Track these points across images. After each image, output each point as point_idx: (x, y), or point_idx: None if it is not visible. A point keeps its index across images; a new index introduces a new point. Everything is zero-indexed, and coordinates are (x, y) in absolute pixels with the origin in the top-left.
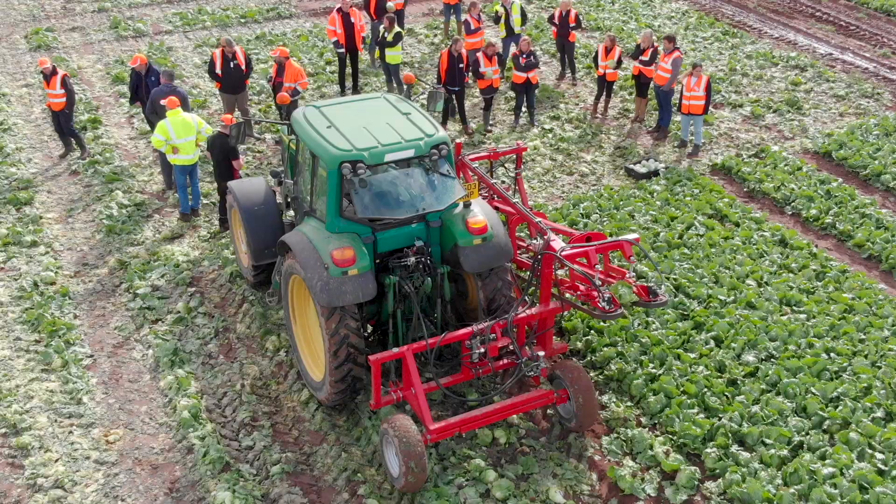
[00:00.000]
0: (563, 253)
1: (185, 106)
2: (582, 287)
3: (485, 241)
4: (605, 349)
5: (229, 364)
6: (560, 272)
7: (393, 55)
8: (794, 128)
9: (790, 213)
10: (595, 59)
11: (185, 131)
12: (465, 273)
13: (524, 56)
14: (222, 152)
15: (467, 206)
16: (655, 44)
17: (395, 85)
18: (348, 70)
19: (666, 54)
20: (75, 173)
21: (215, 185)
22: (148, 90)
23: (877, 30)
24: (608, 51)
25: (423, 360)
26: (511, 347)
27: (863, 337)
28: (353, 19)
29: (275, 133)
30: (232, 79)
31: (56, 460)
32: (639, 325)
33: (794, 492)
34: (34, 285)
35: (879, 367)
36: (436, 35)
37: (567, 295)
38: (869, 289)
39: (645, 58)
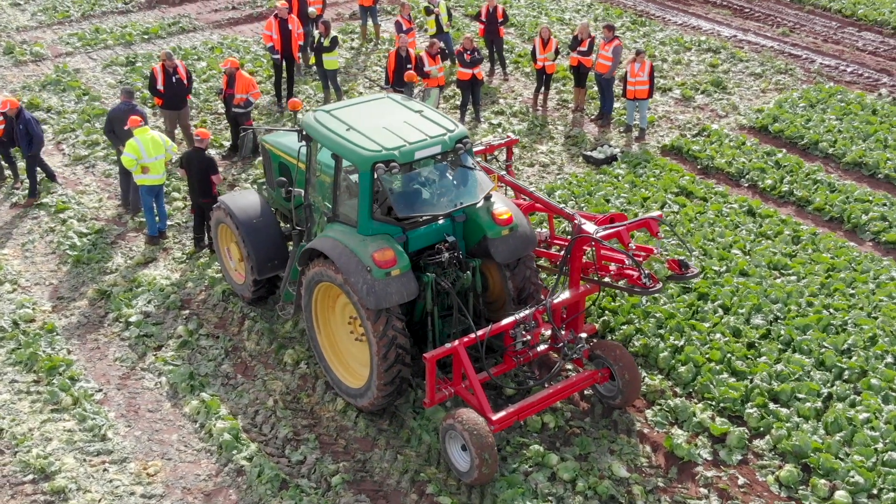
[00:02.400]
0: (599, 235)
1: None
2: (613, 267)
3: (512, 232)
4: (624, 327)
5: (251, 382)
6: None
7: (330, 60)
8: (724, 106)
9: (746, 185)
10: (533, 52)
11: (155, 150)
12: (493, 265)
13: (469, 52)
14: (200, 168)
15: (487, 198)
16: (593, 34)
17: (332, 91)
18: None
19: (606, 43)
20: (16, 206)
21: (185, 203)
22: (21, 136)
23: (769, 10)
24: (545, 43)
25: (473, 354)
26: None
27: (852, 292)
28: (290, 26)
29: (219, 148)
30: (174, 94)
31: (100, 500)
32: (647, 301)
33: (839, 439)
34: (13, 324)
35: (876, 318)
36: (353, 39)
37: (606, 277)
38: (843, 247)
39: (583, 48)
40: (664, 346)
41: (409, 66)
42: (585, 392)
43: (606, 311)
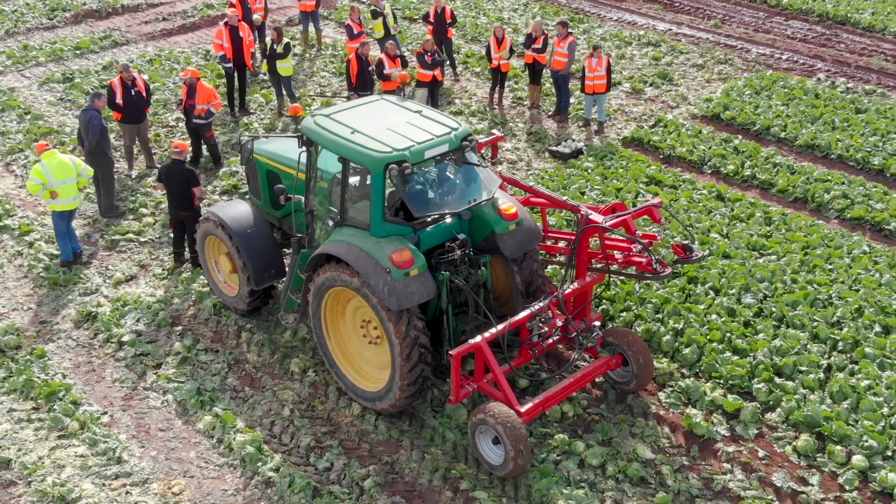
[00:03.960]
0: (608, 223)
1: (104, 138)
2: (618, 256)
3: (518, 226)
4: (624, 314)
5: (261, 394)
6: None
7: (284, 67)
8: (675, 97)
9: (709, 171)
10: (487, 51)
11: (63, 173)
12: (498, 260)
13: (429, 54)
14: (181, 180)
15: None
16: (546, 31)
17: (285, 97)
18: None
19: (560, 39)
20: None
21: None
22: None
23: (698, 4)
24: (500, 42)
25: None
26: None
27: (830, 267)
28: (241, 33)
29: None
30: (134, 108)
31: None
32: (640, 288)
33: (846, 406)
34: (1, 353)
35: (858, 290)
36: (294, 45)
37: (614, 266)
38: (814, 226)
39: (538, 45)
40: (665, 330)
41: (370, 69)
42: (596, 380)
43: (604, 300)
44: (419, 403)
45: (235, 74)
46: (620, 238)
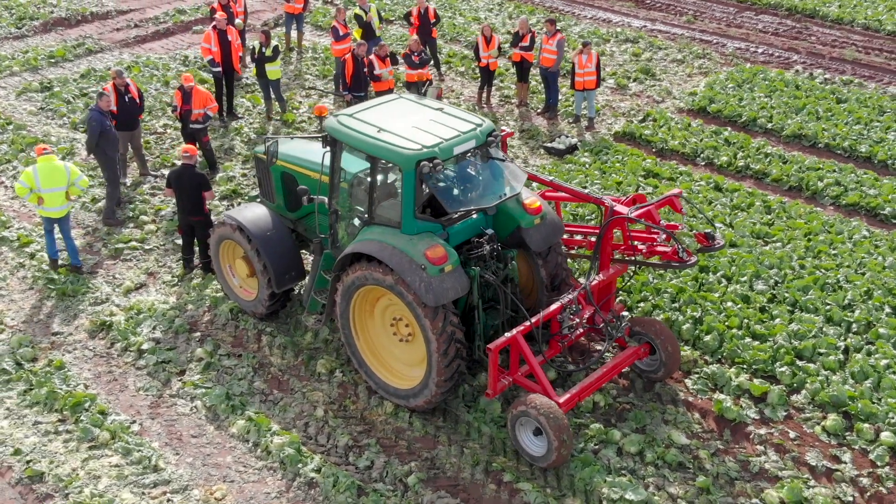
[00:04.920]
0: (633, 214)
1: (105, 139)
2: (641, 246)
3: (543, 220)
4: (641, 305)
5: (290, 396)
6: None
7: (273, 70)
8: (660, 92)
9: (703, 163)
10: (476, 50)
11: (52, 180)
12: (521, 254)
13: (416, 54)
14: (192, 185)
15: None
16: (532, 29)
17: (274, 101)
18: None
19: (549, 37)
20: None
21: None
22: None
23: (669, 0)
24: (488, 41)
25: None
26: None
27: (834, 252)
28: (229, 37)
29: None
30: (128, 114)
31: None
32: (654, 279)
33: (868, 385)
34: (17, 365)
35: (864, 274)
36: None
37: (637, 256)
38: (812, 213)
39: (525, 43)
40: (684, 318)
41: (364, 69)
42: (623, 370)
43: (620, 291)
44: (451, 399)
45: (223, 79)
46: (642, 229)
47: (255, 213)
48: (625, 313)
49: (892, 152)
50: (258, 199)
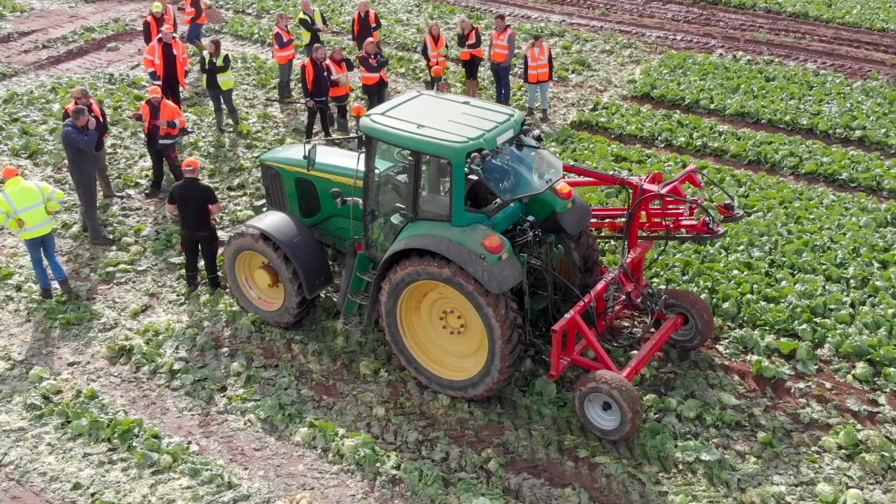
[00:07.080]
0: (662, 190)
1: (80, 155)
2: (665, 222)
3: (574, 204)
4: (655, 280)
5: (343, 399)
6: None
7: (225, 80)
8: (600, 81)
9: (662, 146)
10: (424, 50)
11: (26, 199)
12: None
13: (373, 56)
14: (199, 199)
15: None
16: (476, 26)
17: (225, 111)
18: None
19: (499, 32)
20: None
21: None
22: None
23: None
24: (436, 40)
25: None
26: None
27: (812, 217)
28: (174, 51)
29: (134, 187)
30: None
31: None
32: (659, 256)
33: (884, 333)
34: (45, 399)
35: (845, 234)
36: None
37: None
38: (780, 182)
39: (472, 41)
40: (699, 289)
41: (325, 75)
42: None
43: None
44: (504, 386)
45: (168, 92)
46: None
47: (277, 221)
48: (661, 287)
49: (831, 123)
50: (264, 208)
